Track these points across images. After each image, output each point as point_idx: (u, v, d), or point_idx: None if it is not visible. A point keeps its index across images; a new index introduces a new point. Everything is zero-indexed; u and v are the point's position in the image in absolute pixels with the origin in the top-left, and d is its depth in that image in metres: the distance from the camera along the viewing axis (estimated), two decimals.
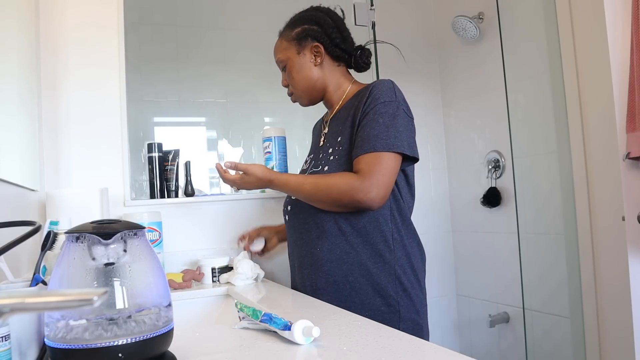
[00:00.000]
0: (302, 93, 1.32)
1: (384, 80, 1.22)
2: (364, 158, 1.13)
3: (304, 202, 1.25)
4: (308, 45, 1.28)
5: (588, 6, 1.73)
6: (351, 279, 1.18)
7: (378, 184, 1.12)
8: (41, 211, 1.42)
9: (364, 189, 1.11)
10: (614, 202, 1.65)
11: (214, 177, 1.99)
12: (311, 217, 1.23)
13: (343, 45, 1.30)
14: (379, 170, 1.12)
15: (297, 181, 1.21)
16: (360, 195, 1.12)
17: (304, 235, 1.26)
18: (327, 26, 1.28)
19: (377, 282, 1.17)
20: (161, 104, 1.94)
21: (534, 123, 1.97)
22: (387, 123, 1.14)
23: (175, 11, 1.98)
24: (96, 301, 0.36)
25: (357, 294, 1.18)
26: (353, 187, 1.12)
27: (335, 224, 1.20)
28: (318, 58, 1.28)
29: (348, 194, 1.13)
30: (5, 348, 0.60)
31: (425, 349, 0.71)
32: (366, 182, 1.11)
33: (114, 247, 0.63)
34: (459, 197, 2.34)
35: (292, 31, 1.30)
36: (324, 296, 1.19)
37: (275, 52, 1.34)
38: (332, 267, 1.20)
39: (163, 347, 0.65)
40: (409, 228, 1.24)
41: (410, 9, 2.38)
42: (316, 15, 1.31)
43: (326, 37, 1.28)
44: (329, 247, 1.20)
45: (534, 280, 1.91)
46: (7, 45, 1.14)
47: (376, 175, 1.12)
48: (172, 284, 1.44)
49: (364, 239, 1.19)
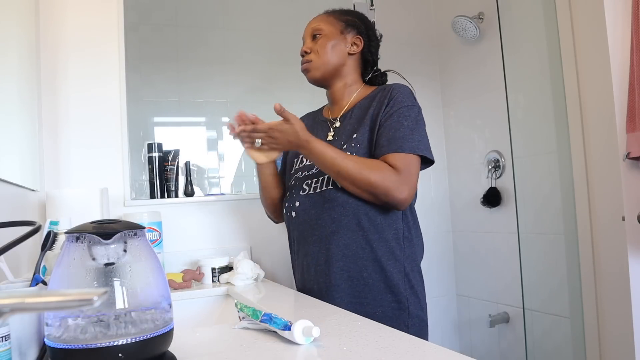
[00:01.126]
0: (321, 65, 1.32)
1: (401, 85, 1.27)
2: (395, 157, 1.16)
3: (316, 198, 1.24)
4: (352, 33, 1.33)
5: (588, 6, 1.73)
6: (365, 275, 1.19)
7: (410, 185, 1.16)
8: (41, 211, 1.42)
9: (400, 186, 1.14)
10: (614, 202, 1.65)
11: (213, 177, 1.99)
12: (326, 212, 1.22)
13: (374, 57, 1.38)
14: (412, 171, 1.17)
15: (336, 153, 1.16)
16: (396, 193, 1.14)
17: (317, 231, 1.24)
18: (371, 33, 1.37)
19: (389, 278, 1.19)
20: (161, 104, 1.94)
21: (534, 123, 1.97)
22: (412, 126, 1.19)
23: (175, 11, 1.98)
24: (96, 301, 0.36)
25: (370, 290, 1.19)
26: (392, 181, 1.14)
27: (354, 219, 1.20)
28: (354, 48, 1.33)
29: (385, 186, 1.14)
30: (5, 348, 0.60)
31: (425, 349, 0.71)
32: (402, 180, 1.14)
33: (114, 247, 0.63)
34: (459, 197, 2.34)
35: (343, 16, 1.36)
36: (338, 292, 1.20)
37: (316, 21, 1.36)
38: (347, 262, 1.20)
39: (163, 347, 0.65)
40: (417, 227, 1.28)
41: (410, 9, 2.38)
42: (366, 19, 1.39)
43: (367, 39, 1.35)
44: (345, 243, 1.20)
45: (534, 280, 1.91)
46: (7, 45, 1.14)
47: (410, 176, 1.16)
48: (172, 284, 1.44)
49: (380, 235, 1.20)
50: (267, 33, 2.10)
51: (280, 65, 2.07)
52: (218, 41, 2.02)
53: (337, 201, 1.20)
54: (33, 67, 1.43)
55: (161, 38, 1.95)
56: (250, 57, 2.05)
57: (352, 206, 1.20)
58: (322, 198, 1.23)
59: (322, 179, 1.25)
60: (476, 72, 2.21)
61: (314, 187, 1.26)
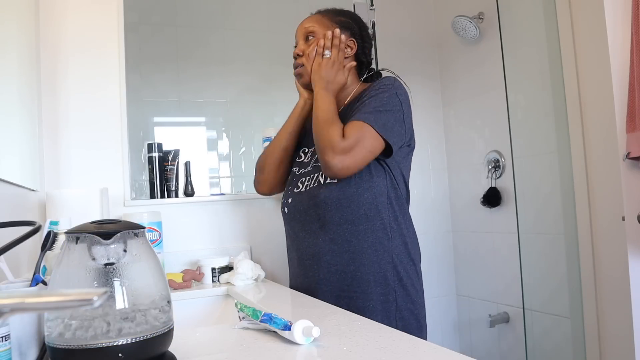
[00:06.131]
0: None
1: (388, 77, 1.28)
2: (347, 125, 1.17)
3: (305, 195, 1.26)
4: (346, 36, 1.32)
5: (588, 6, 1.73)
6: (352, 268, 1.19)
7: (350, 155, 1.14)
8: (41, 211, 1.42)
9: (337, 149, 1.13)
10: (614, 202, 1.65)
11: (213, 177, 1.99)
12: (312, 208, 1.24)
13: (369, 58, 1.38)
14: (361, 142, 1.15)
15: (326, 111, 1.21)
16: (329, 158, 1.14)
17: (306, 226, 1.26)
18: (365, 33, 1.37)
19: (376, 271, 1.19)
20: (161, 104, 1.94)
21: (534, 123, 1.97)
22: (375, 105, 1.18)
23: (175, 11, 1.98)
24: (96, 301, 0.36)
25: (359, 283, 1.19)
26: (331, 143, 1.14)
27: (338, 213, 1.20)
28: (348, 50, 1.32)
29: (323, 145, 1.15)
30: (5, 348, 0.60)
31: (425, 349, 0.71)
32: (342, 143, 1.13)
33: (114, 247, 0.63)
34: (459, 197, 2.34)
35: (337, 16, 1.35)
36: (326, 286, 1.20)
37: (309, 21, 1.35)
38: (333, 256, 1.21)
39: (163, 347, 0.65)
40: (405, 217, 1.26)
41: (410, 9, 2.38)
42: (359, 19, 1.39)
43: (361, 40, 1.34)
44: (331, 237, 1.21)
45: (534, 280, 1.91)
46: (7, 45, 1.14)
47: (355, 146, 1.14)
48: (172, 284, 1.43)
49: (366, 226, 1.20)
50: (267, 33, 2.10)
51: (280, 65, 2.06)
52: (218, 41, 2.02)
53: (320, 197, 1.22)
54: (33, 68, 1.43)
55: (161, 38, 1.95)
56: (250, 57, 2.04)
57: (334, 201, 1.20)
58: (308, 195, 1.25)
59: (312, 177, 1.27)
60: (476, 72, 2.21)
61: (305, 185, 1.28)
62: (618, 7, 1.45)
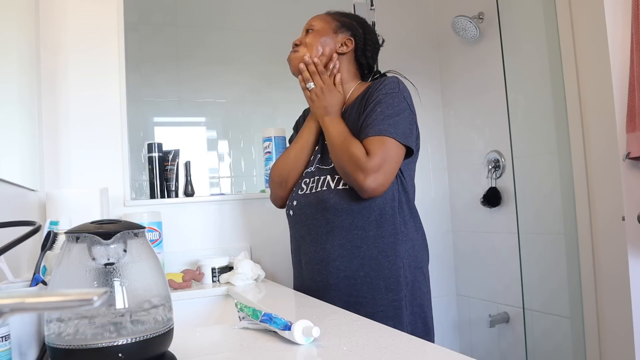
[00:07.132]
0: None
1: (391, 77, 1.27)
2: (366, 142, 1.16)
3: (311, 198, 1.25)
4: (345, 34, 1.34)
5: (588, 6, 1.73)
6: (362, 274, 1.18)
7: (382, 172, 1.13)
8: (41, 211, 1.42)
9: (367, 169, 1.12)
10: (614, 202, 1.65)
11: (213, 177, 1.99)
12: (320, 212, 1.23)
13: (370, 60, 1.38)
14: (388, 157, 1.14)
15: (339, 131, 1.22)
16: (361, 180, 1.13)
17: (312, 230, 1.25)
18: (368, 36, 1.36)
19: (387, 276, 1.18)
20: (161, 104, 1.94)
21: (534, 123, 1.97)
22: (386, 112, 1.17)
23: (175, 11, 1.98)
24: (96, 301, 0.36)
25: (369, 289, 1.18)
26: (358, 165, 1.13)
27: (348, 219, 1.19)
28: (343, 48, 1.33)
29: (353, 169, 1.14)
30: (5, 348, 0.60)
31: (425, 349, 0.71)
32: (373, 167, 1.13)
33: (114, 247, 0.63)
34: (459, 197, 2.34)
35: (341, 17, 1.37)
36: (335, 292, 1.19)
37: (315, 18, 1.38)
38: (343, 262, 1.19)
39: (163, 347, 0.65)
40: (415, 219, 1.26)
41: (410, 9, 2.38)
42: (365, 24, 1.40)
43: (362, 43, 1.35)
44: (340, 242, 1.20)
45: (534, 280, 1.91)
46: (7, 45, 1.14)
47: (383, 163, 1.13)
48: (172, 284, 1.44)
49: (376, 232, 1.19)
50: (267, 33, 2.10)
51: (280, 65, 2.06)
52: (218, 41, 2.02)
53: (329, 202, 1.21)
54: (33, 68, 1.43)
55: (161, 38, 1.95)
56: (250, 57, 2.04)
57: (345, 207, 1.19)
58: (316, 199, 1.24)
59: (318, 179, 1.25)
60: (476, 72, 2.21)
61: (310, 187, 1.27)
62: (618, 7, 1.45)
